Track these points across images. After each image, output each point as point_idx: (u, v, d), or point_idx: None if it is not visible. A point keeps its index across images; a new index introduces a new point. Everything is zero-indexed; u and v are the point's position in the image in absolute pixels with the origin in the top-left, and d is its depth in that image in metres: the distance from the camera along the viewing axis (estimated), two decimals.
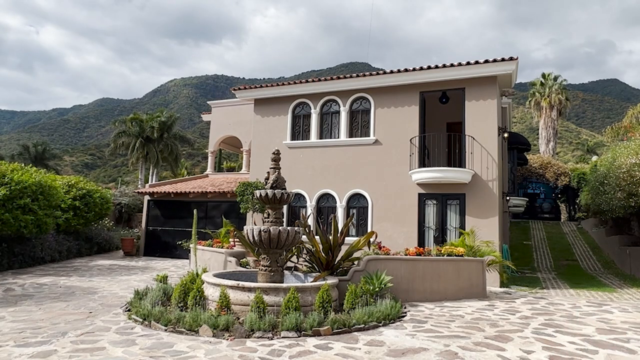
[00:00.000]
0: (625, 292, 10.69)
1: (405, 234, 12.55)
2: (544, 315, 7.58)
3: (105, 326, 6.43)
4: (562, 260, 15.87)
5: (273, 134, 14.94)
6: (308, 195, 14.13)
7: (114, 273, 12.60)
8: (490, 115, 12.20)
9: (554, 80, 34.93)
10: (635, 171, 11.91)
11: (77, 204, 16.37)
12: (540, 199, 25.01)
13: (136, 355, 5.08)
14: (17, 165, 13.56)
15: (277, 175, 8.19)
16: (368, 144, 13.53)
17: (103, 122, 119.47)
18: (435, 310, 7.90)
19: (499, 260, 10.19)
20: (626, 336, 6.21)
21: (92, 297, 8.87)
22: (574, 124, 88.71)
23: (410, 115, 13.11)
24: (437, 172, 12.08)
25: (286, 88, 14.79)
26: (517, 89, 33.31)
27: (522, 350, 5.46)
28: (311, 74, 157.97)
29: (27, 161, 40.32)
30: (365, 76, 13.61)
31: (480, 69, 12.12)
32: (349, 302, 7.24)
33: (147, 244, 18.26)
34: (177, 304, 6.99)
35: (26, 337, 5.77)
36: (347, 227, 9.48)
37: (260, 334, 5.96)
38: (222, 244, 11.44)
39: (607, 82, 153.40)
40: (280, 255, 7.89)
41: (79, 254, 16.41)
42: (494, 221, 11.73)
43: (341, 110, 14.09)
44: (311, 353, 5.28)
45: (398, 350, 5.41)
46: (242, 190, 14.14)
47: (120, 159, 71.36)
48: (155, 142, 35.20)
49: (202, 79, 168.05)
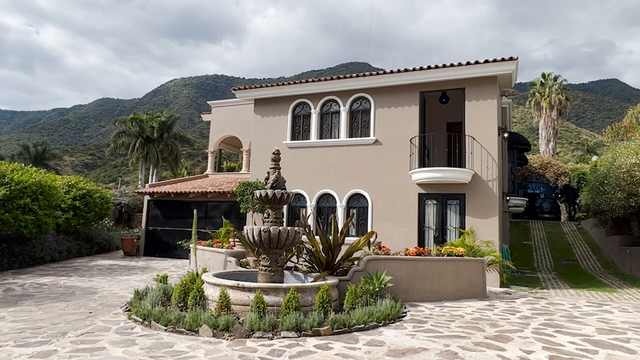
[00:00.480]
0: (625, 292, 10.69)
1: (405, 234, 12.55)
2: (544, 315, 7.58)
3: (105, 326, 6.43)
4: (562, 260, 15.87)
5: (273, 134, 14.94)
6: (308, 195, 14.13)
7: (114, 273, 12.60)
8: (490, 115, 12.20)
9: (554, 80, 34.93)
10: (635, 171, 11.91)
11: (77, 204, 16.37)
12: (540, 199, 25.01)
13: (136, 355, 5.08)
14: (17, 165, 13.56)
15: (277, 175, 8.19)
16: (368, 144, 13.53)
17: (103, 122, 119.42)
18: (435, 310, 7.90)
19: (499, 260, 10.19)
20: (626, 336, 6.21)
21: (92, 297, 8.87)
22: (574, 124, 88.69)
23: (410, 115, 13.11)
24: (437, 172, 12.08)
25: (286, 88, 14.79)
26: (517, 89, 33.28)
27: (522, 350, 5.46)
28: (311, 74, 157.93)
29: (27, 161, 40.32)
30: (365, 76, 13.61)
31: (480, 69, 12.12)
32: (349, 302, 7.24)
33: (147, 244, 18.26)
34: (177, 304, 6.99)
35: (26, 337, 5.77)
36: (347, 227, 9.48)
37: (260, 334, 5.96)
38: (222, 244, 11.44)
39: (607, 82, 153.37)
40: (280, 255, 7.89)
41: (79, 254, 16.41)
42: (494, 221, 11.73)
43: (341, 110, 14.09)
44: (311, 353, 5.28)
45: (398, 350, 5.41)
46: (242, 190, 14.14)
47: (120, 159, 71.35)
48: (155, 142, 35.18)
49: (202, 79, 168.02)
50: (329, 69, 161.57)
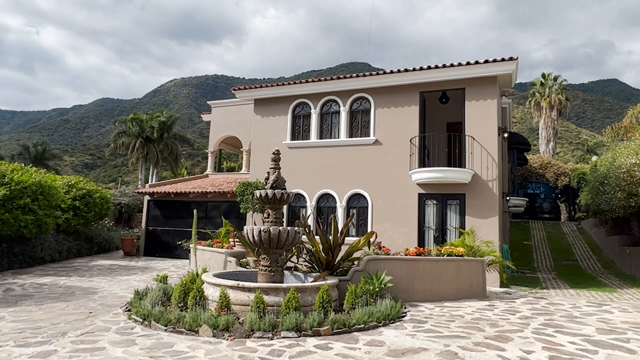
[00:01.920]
0: (625, 292, 10.69)
1: (405, 234, 12.55)
2: (544, 315, 7.58)
3: (105, 326, 6.42)
4: (562, 260, 15.87)
5: (273, 134, 14.93)
6: (308, 195, 14.13)
7: (114, 273, 12.60)
8: (490, 115, 12.20)
9: (554, 80, 34.93)
10: (635, 171, 11.91)
11: (77, 204, 16.38)
12: (540, 199, 25.01)
13: (136, 355, 5.08)
14: (17, 165, 13.56)
15: (277, 175, 8.19)
16: (368, 144, 13.52)
17: (103, 122, 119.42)
18: (435, 310, 7.90)
19: (499, 260, 10.20)
20: (626, 336, 6.21)
21: (92, 297, 8.87)
22: (574, 124, 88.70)
23: (410, 115, 13.11)
24: (437, 172, 12.08)
25: (286, 88, 14.79)
26: (517, 89, 33.30)
27: (522, 351, 5.46)
28: (311, 74, 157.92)
29: (27, 161, 40.31)
30: (365, 76, 13.61)
31: (480, 69, 12.12)
32: (349, 302, 7.23)
33: (147, 244, 18.26)
34: (177, 304, 6.99)
35: (26, 337, 5.77)
36: (347, 227, 9.48)
37: (260, 334, 5.95)
38: (222, 244, 11.44)
39: (607, 82, 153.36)
40: (280, 255, 7.89)
41: (79, 254, 16.41)
42: (494, 221, 11.73)
43: (341, 110, 14.08)
44: (311, 353, 5.27)
45: (398, 351, 5.41)
46: (242, 190, 14.14)
47: (120, 159, 71.35)
48: (155, 142, 35.18)
49: (202, 79, 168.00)
50: (329, 69, 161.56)
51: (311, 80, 14.59)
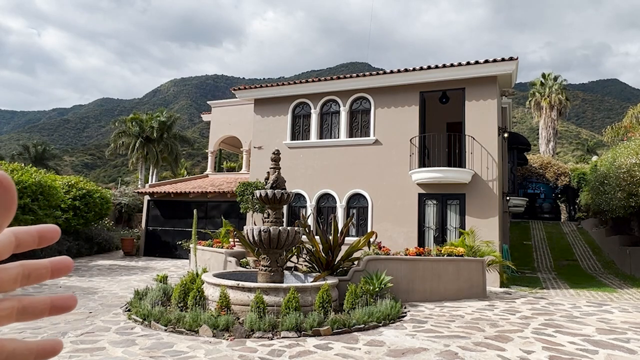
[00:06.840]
0: (625, 292, 10.68)
1: (405, 234, 12.54)
2: (544, 315, 7.57)
3: (105, 326, 6.42)
4: (562, 260, 15.86)
5: (273, 134, 14.93)
6: (308, 195, 14.12)
7: (114, 273, 12.59)
8: (490, 115, 12.19)
9: (554, 80, 34.90)
10: (636, 171, 11.91)
11: (77, 204, 16.37)
12: (540, 199, 24.99)
13: (136, 355, 5.07)
14: (17, 165, 13.57)
15: (277, 175, 8.19)
16: (368, 144, 13.52)
17: (103, 122, 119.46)
18: (435, 310, 7.90)
19: (499, 260, 10.19)
20: (626, 336, 6.20)
21: (92, 297, 8.86)
22: (574, 124, 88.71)
23: (410, 115, 13.11)
24: (437, 172, 12.08)
25: (286, 88, 14.79)
26: (517, 89, 33.31)
27: (522, 351, 5.46)
28: (311, 74, 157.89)
29: (27, 161, 40.29)
30: (365, 76, 13.60)
31: (480, 69, 12.12)
32: (349, 302, 7.23)
33: (147, 244, 18.26)
34: (177, 304, 6.99)
35: (26, 337, 5.76)
36: (347, 227, 9.47)
37: (260, 334, 5.95)
38: (222, 244, 11.44)
39: (607, 82, 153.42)
40: (280, 255, 7.89)
41: (78, 254, 16.41)
42: (494, 221, 11.73)
43: (341, 110, 14.08)
44: (311, 353, 5.27)
45: (398, 351, 5.41)
46: (242, 190, 14.13)
47: (120, 159, 71.31)
48: (155, 142, 35.16)
49: (202, 79, 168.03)
50: (329, 69, 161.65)
51: (311, 80, 14.59)
